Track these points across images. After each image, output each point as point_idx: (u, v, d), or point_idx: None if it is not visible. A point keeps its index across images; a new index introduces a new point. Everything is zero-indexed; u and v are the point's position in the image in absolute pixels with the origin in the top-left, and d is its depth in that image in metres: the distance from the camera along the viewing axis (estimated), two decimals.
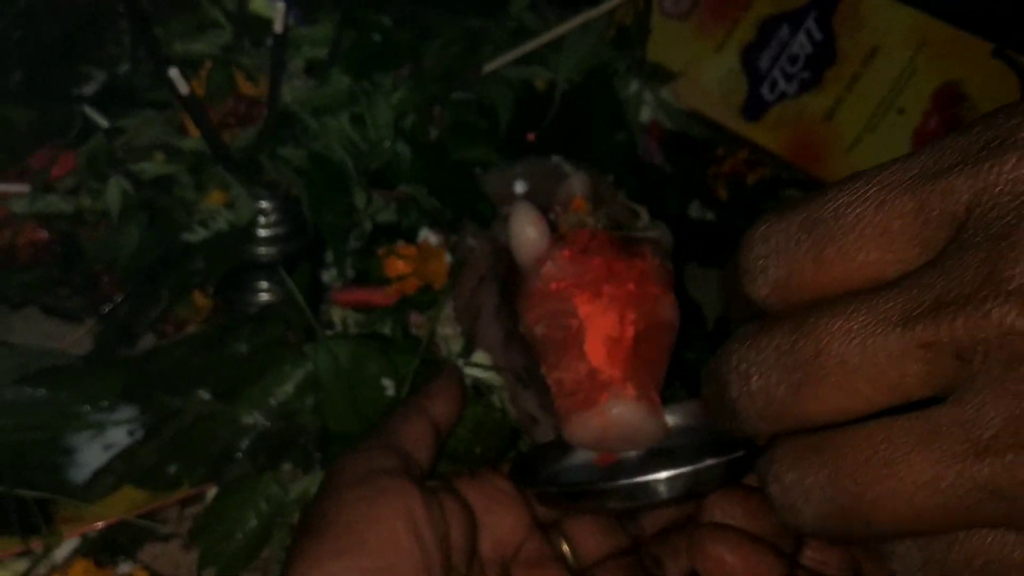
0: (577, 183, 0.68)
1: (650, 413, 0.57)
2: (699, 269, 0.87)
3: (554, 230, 0.63)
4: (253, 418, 0.61)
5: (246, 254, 0.72)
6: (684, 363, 0.74)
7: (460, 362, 0.66)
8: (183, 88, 0.55)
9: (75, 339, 0.69)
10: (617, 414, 0.56)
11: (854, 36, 0.90)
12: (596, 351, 0.58)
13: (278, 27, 0.57)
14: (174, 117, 0.68)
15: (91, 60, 0.72)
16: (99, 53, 0.72)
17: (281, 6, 0.56)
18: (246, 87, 0.68)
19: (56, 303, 0.71)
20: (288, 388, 0.62)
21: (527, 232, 0.60)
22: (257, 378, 0.62)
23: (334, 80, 0.69)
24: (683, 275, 0.84)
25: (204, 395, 0.61)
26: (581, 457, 0.59)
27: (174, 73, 0.54)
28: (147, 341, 0.72)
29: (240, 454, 0.60)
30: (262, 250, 0.72)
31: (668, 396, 0.70)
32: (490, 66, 0.74)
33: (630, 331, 0.58)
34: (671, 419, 0.58)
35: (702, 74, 0.95)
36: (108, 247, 0.69)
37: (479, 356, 0.67)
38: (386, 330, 0.69)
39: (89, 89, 0.72)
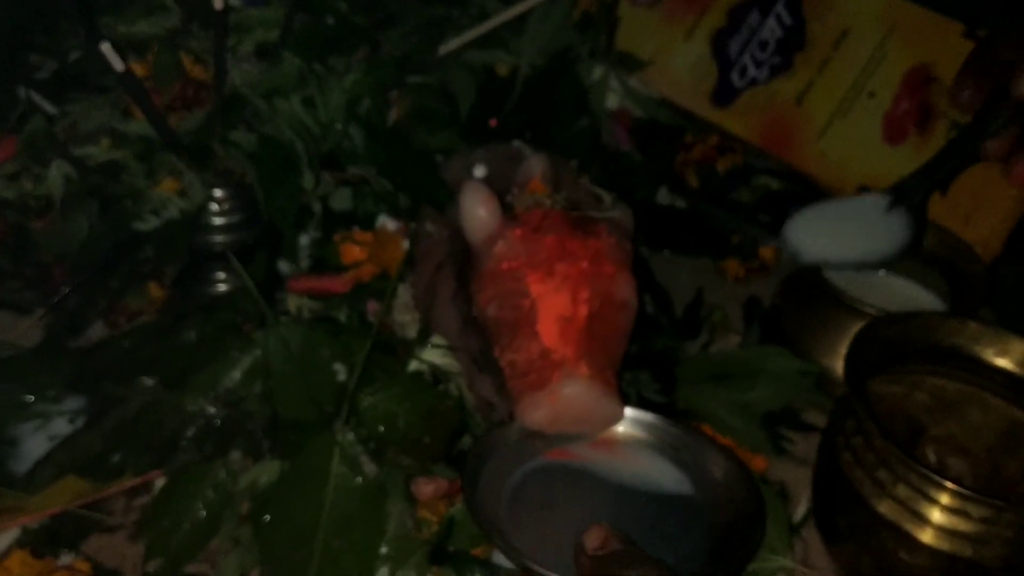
0: (535, 164, 0.66)
1: (604, 393, 0.56)
2: (669, 257, 0.86)
3: (511, 211, 0.62)
4: (199, 405, 0.59)
5: (201, 243, 0.71)
6: (652, 352, 0.73)
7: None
8: (117, 64, 0.54)
9: (24, 330, 0.67)
10: (569, 394, 0.55)
11: (824, 20, 0.88)
12: (548, 330, 0.56)
13: (218, 3, 0.56)
14: (119, 101, 0.67)
15: (41, 48, 0.71)
16: (50, 41, 0.71)
17: None
18: (195, 71, 0.67)
19: (7, 296, 0.70)
20: (236, 374, 0.61)
21: (477, 212, 0.59)
22: (204, 365, 0.60)
23: (285, 63, 0.67)
24: (651, 263, 0.83)
25: (148, 382, 0.59)
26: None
27: (106, 48, 0.53)
28: (100, 332, 0.70)
29: (186, 442, 0.59)
30: (217, 239, 0.71)
31: (634, 383, 0.69)
32: (447, 47, 0.73)
33: (583, 310, 0.57)
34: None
35: (671, 62, 0.94)
36: (58, 238, 0.68)
37: (436, 341, 0.65)
38: (342, 317, 0.68)
39: (39, 77, 0.71)
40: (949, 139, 0.69)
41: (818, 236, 0.69)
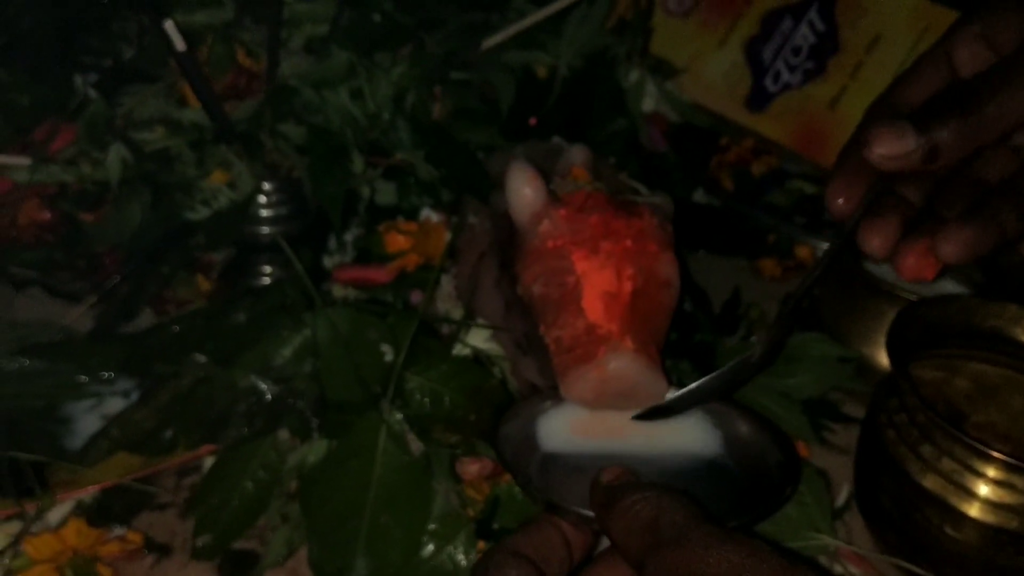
0: (576, 154, 0.67)
1: (649, 367, 0.56)
2: (705, 257, 0.87)
3: (555, 197, 0.63)
4: (249, 381, 0.60)
5: (248, 235, 0.72)
6: (692, 344, 0.73)
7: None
8: (179, 43, 0.55)
9: (75, 318, 0.69)
10: (615, 367, 0.55)
11: (857, 24, 0.90)
12: (593, 306, 0.57)
13: None
14: (173, 89, 0.69)
15: (98, 47, 0.73)
16: (105, 40, 0.73)
17: None
18: (247, 62, 0.69)
19: (60, 285, 0.72)
20: (286, 352, 0.62)
21: (523, 191, 0.60)
22: (255, 343, 0.61)
23: (334, 56, 0.69)
24: (689, 262, 0.84)
25: (200, 359, 0.60)
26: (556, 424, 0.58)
27: (169, 26, 0.54)
28: (149, 321, 0.72)
29: (236, 417, 0.60)
30: (264, 230, 0.72)
31: (676, 372, 0.70)
32: (489, 42, 0.75)
33: (628, 286, 0.58)
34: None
35: (705, 69, 0.95)
36: (111, 227, 0.70)
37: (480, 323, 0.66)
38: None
39: (95, 72, 0.73)
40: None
41: None
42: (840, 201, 0.52)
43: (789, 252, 0.85)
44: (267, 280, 0.74)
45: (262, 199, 0.71)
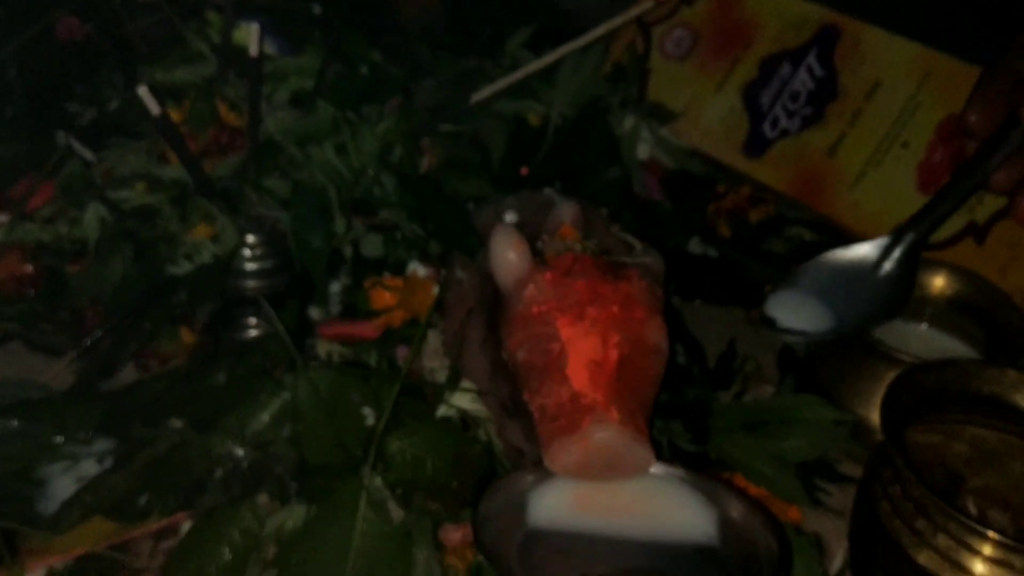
0: (565, 211, 0.66)
1: (635, 438, 0.55)
2: (701, 306, 0.86)
3: (541, 257, 0.62)
4: (227, 447, 0.59)
5: (233, 288, 0.71)
6: (684, 402, 0.72)
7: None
8: (154, 108, 0.54)
9: (55, 373, 0.68)
10: (600, 439, 0.54)
11: (856, 71, 0.88)
12: (578, 375, 0.56)
13: (253, 50, 0.57)
14: (155, 147, 0.68)
15: (82, 97, 0.72)
16: (91, 89, 0.72)
17: (255, 28, 0.55)
18: (230, 117, 0.68)
19: (40, 338, 0.70)
20: (264, 417, 0.60)
21: (507, 255, 0.59)
22: (233, 408, 0.60)
23: (319, 110, 0.68)
24: (684, 313, 0.82)
25: (176, 424, 0.59)
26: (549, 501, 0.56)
27: (143, 91, 0.54)
28: (131, 376, 0.71)
29: (213, 484, 0.58)
30: (249, 284, 0.71)
31: (667, 432, 0.68)
32: (478, 96, 0.73)
33: (614, 354, 0.56)
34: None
35: (703, 113, 0.94)
36: (92, 281, 0.68)
37: (465, 386, 0.65)
38: (372, 363, 0.68)
39: (79, 123, 0.72)
40: (953, 172, 0.65)
41: (799, 307, 0.69)
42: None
43: None
44: (253, 332, 0.73)
45: (247, 252, 0.70)
